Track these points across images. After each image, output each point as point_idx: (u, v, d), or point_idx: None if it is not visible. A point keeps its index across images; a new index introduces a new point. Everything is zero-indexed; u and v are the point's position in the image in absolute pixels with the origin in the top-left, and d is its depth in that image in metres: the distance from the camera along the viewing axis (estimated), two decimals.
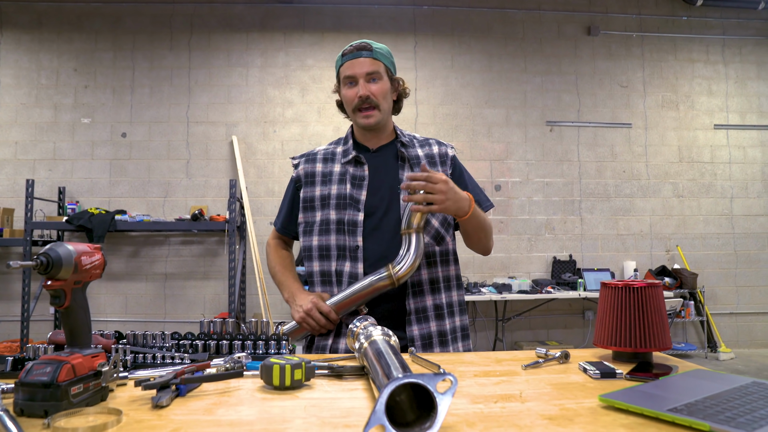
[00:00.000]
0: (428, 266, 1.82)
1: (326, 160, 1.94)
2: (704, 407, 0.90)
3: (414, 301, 1.79)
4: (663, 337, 1.35)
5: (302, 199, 1.92)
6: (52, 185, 6.29)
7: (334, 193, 1.86)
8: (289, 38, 6.67)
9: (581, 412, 0.97)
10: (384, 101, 1.85)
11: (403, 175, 1.86)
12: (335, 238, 1.83)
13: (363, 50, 1.82)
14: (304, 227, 1.90)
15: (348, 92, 1.84)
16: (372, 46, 1.84)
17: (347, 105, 1.87)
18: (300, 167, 1.96)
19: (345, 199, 1.84)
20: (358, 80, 1.81)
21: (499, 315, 6.49)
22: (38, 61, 6.46)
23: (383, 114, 1.86)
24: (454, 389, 0.83)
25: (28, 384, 0.92)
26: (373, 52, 1.83)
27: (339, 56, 1.88)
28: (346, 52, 1.85)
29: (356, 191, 1.84)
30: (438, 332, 1.81)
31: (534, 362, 1.35)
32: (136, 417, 0.93)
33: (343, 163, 1.89)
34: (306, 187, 1.92)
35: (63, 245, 0.99)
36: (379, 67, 1.83)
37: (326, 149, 1.99)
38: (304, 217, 1.90)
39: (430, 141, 1.99)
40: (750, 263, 6.98)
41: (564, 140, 6.89)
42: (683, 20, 7.13)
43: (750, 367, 6.06)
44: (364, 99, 1.80)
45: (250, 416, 0.95)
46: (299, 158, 2.00)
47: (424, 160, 1.90)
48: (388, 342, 1.20)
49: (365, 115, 1.83)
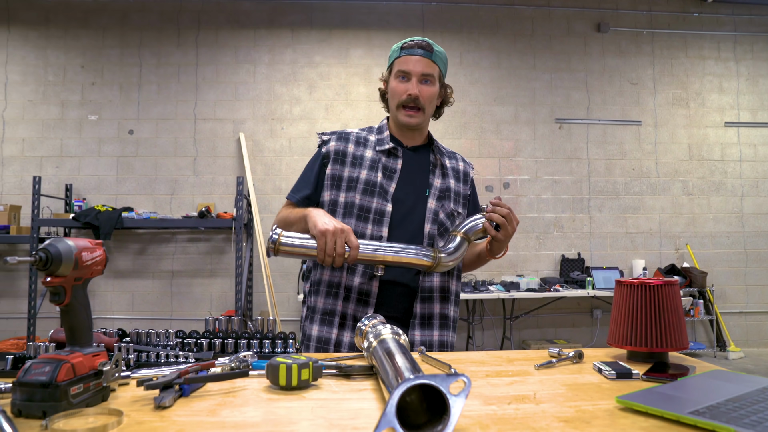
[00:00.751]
0: (441, 275, 1.81)
1: (359, 143, 1.88)
2: (727, 410, 0.87)
3: (422, 306, 1.77)
4: (680, 336, 1.32)
5: (329, 176, 1.83)
6: (59, 182, 6.29)
7: (363, 177, 1.80)
8: (297, 35, 6.64)
9: (598, 414, 0.93)
10: (430, 106, 1.84)
11: (433, 180, 1.86)
12: (356, 223, 1.76)
13: (424, 49, 1.79)
14: (328, 206, 1.81)
15: (398, 86, 1.81)
16: (433, 47, 1.81)
17: (393, 98, 1.84)
18: (331, 143, 1.88)
19: (374, 187, 1.79)
20: (412, 78, 1.78)
21: (507, 313, 6.44)
22: (45, 58, 6.45)
23: (426, 117, 1.85)
24: (467, 391, 0.79)
25: (26, 384, 0.89)
26: (433, 54, 1.80)
27: (397, 47, 1.85)
28: (406, 46, 1.81)
29: (386, 182, 1.81)
30: (439, 342, 1.79)
31: (547, 362, 1.32)
32: (138, 418, 0.91)
33: (378, 150, 1.85)
34: (334, 165, 1.84)
35: (63, 240, 0.96)
36: (435, 71, 1.81)
37: (359, 133, 1.92)
38: (330, 195, 1.82)
39: (456, 156, 2.01)
40: (760, 262, 6.91)
41: (573, 138, 6.83)
42: (694, 17, 7.06)
43: (760, 366, 6.00)
44: (413, 98, 1.78)
45: (255, 418, 0.92)
46: (329, 135, 1.91)
47: (451, 173, 1.92)
48: (398, 341, 1.16)
49: (409, 114, 1.81)
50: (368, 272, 1.74)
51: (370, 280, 1.73)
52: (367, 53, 6.65)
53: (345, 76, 6.64)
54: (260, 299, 6.31)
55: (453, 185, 1.90)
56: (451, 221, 1.85)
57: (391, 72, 1.86)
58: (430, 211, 1.81)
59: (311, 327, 1.79)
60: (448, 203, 1.86)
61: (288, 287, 6.33)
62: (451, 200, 1.87)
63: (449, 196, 1.87)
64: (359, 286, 1.74)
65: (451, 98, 1.95)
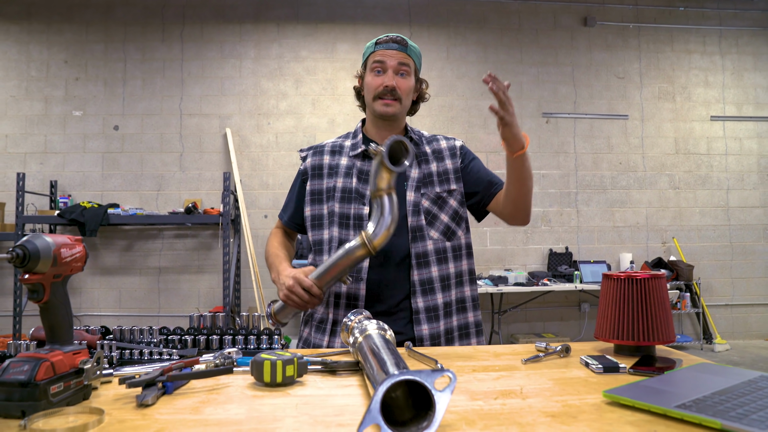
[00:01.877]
0: (438, 263, 1.78)
1: (334, 152, 1.91)
2: (713, 403, 0.86)
3: (423, 300, 1.74)
4: (667, 330, 1.32)
5: (309, 191, 1.89)
6: (44, 179, 6.22)
7: (339, 186, 1.83)
8: (283, 29, 6.60)
9: (585, 408, 0.93)
10: (406, 98, 1.84)
11: (409, 172, 1.84)
12: (339, 231, 1.78)
13: (398, 43, 1.82)
14: (311, 221, 1.87)
15: (374, 79, 1.81)
16: (407, 41, 1.84)
17: (369, 91, 1.84)
18: (307, 160, 1.93)
19: (351, 193, 1.81)
20: (387, 70, 1.80)
21: (495, 308, 6.46)
22: (28, 53, 6.37)
23: (403, 108, 1.85)
24: (452, 386, 0.79)
25: (5, 383, 0.88)
26: (408, 48, 1.83)
27: (371, 43, 1.86)
28: (381, 41, 1.83)
29: (362, 185, 1.81)
30: (445, 330, 1.75)
31: (534, 356, 1.32)
32: (119, 416, 0.89)
33: (351, 156, 1.87)
34: (313, 180, 1.89)
35: (41, 236, 0.94)
36: (410, 63, 1.83)
37: (334, 142, 1.96)
38: (311, 210, 1.87)
39: (437, 137, 1.98)
40: (746, 255, 6.97)
41: (560, 132, 6.85)
42: (680, 11, 7.09)
43: (745, 358, 6.06)
44: (390, 89, 1.79)
45: (239, 415, 0.91)
46: (307, 151, 1.97)
47: (432, 157, 1.88)
48: (384, 336, 1.16)
49: (385, 103, 1.80)
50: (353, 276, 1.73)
51: (356, 282, 1.73)
52: (354, 48, 6.62)
53: (331, 70, 6.61)
54: (248, 295, 6.28)
55: (435, 168, 1.87)
56: (440, 204, 1.82)
57: (366, 67, 1.87)
58: (410, 204, 1.79)
59: (307, 331, 1.83)
60: (432, 188, 1.83)
61: None
62: (435, 184, 1.84)
63: (432, 181, 1.85)
64: (347, 290, 1.74)
65: (427, 93, 1.96)
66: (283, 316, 1.70)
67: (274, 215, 6.34)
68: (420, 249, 1.76)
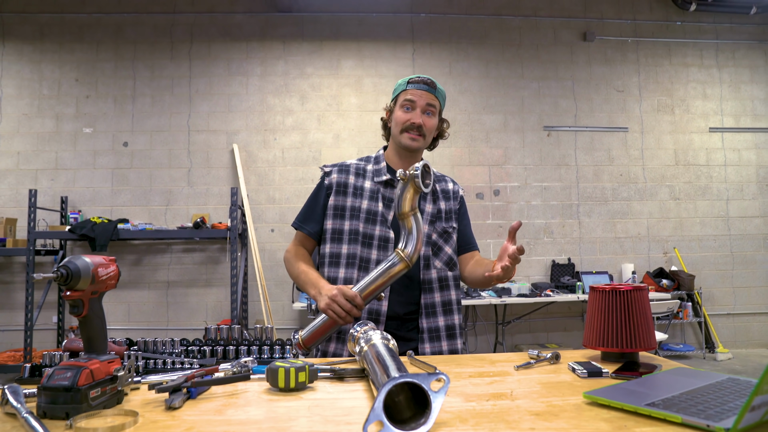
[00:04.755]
0: (441, 290, 1.97)
1: (358, 174, 2.05)
2: (679, 401, 0.97)
3: (428, 321, 1.92)
4: (648, 337, 1.42)
5: (332, 206, 2.01)
6: (55, 195, 6.36)
7: (365, 207, 1.97)
8: (289, 47, 6.75)
9: (566, 408, 1.03)
10: (430, 135, 2.01)
11: (424, 205, 2.01)
12: (361, 249, 1.93)
13: (428, 85, 1.97)
14: (332, 234, 1.99)
15: (403, 115, 1.97)
16: (436, 84, 2.00)
17: (396, 124, 1.99)
18: (333, 175, 2.05)
19: (376, 216, 1.96)
20: (416, 108, 1.96)
21: (499, 318, 6.54)
22: (40, 72, 6.54)
23: (425, 144, 2.02)
24: (446, 387, 0.90)
25: (51, 388, 0.99)
26: (437, 91, 2.00)
27: (403, 81, 2.02)
28: (413, 81, 1.99)
29: (386, 210, 1.98)
30: (449, 351, 1.94)
31: (526, 363, 1.42)
32: (151, 418, 1.00)
33: (376, 181, 2.01)
34: (337, 196, 2.02)
35: (81, 258, 1.06)
36: (436, 104, 2.00)
37: (357, 164, 2.09)
38: (333, 224, 2.00)
39: (446, 178, 2.17)
40: (746, 264, 7.05)
41: (561, 145, 6.96)
42: (677, 25, 7.21)
43: (747, 366, 6.12)
44: (417, 126, 1.95)
45: (258, 416, 1.01)
46: (331, 167, 2.09)
47: (441, 195, 2.08)
48: (387, 345, 1.26)
49: (412, 137, 1.96)
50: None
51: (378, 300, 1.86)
52: (358, 64, 6.76)
53: (336, 86, 6.75)
54: (255, 308, 6.38)
55: (443, 206, 2.06)
56: (444, 238, 2.02)
57: (397, 102, 2.03)
58: (424, 235, 1.94)
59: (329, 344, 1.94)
60: (440, 223, 2.03)
61: (282, 296, 6.41)
62: (443, 220, 2.04)
63: (441, 216, 2.04)
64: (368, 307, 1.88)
65: (447, 132, 2.13)
66: (310, 340, 1.74)
67: (280, 229, 6.45)
68: (426, 276, 1.94)
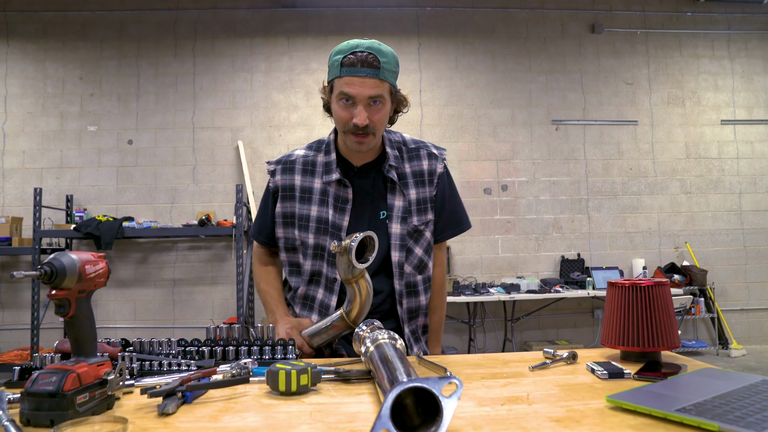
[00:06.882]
0: (408, 296, 1.75)
1: (305, 171, 1.77)
2: (713, 407, 0.89)
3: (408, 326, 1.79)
4: (671, 336, 1.34)
5: (279, 213, 1.78)
6: (60, 193, 6.32)
7: (314, 215, 1.72)
8: (293, 42, 6.68)
9: (588, 413, 0.96)
10: (381, 127, 1.66)
11: (393, 200, 1.73)
12: (311, 263, 1.74)
13: (369, 65, 1.54)
14: (285, 243, 1.79)
15: (343, 112, 1.60)
16: (379, 60, 1.56)
17: (338, 122, 1.65)
18: (277, 177, 1.79)
19: (326, 225, 1.71)
20: (357, 104, 1.58)
21: (508, 315, 6.46)
22: (44, 70, 6.50)
23: (377, 138, 1.68)
24: (459, 393, 0.82)
25: (34, 394, 0.92)
26: (381, 71, 1.56)
27: (338, 61, 1.58)
28: (347, 62, 1.56)
29: (338, 216, 1.71)
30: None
31: (541, 363, 1.35)
32: (142, 425, 0.93)
33: (325, 181, 1.73)
34: (284, 202, 1.77)
35: (66, 254, 0.99)
36: (384, 90, 1.59)
37: (305, 156, 1.80)
38: (284, 233, 1.78)
39: (420, 152, 1.80)
40: (760, 259, 6.93)
41: (570, 139, 6.87)
42: (687, 16, 7.10)
43: (762, 363, 6.02)
44: (361, 127, 1.59)
45: (255, 422, 0.95)
46: (275, 165, 1.82)
47: (412, 182, 1.76)
48: (394, 346, 1.19)
49: (358, 141, 1.63)
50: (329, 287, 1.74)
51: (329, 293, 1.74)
52: None
53: None
54: (261, 306, 6.32)
55: (414, 195, 1.76)
56: (415, 238, 1.76)
57: (333, 89, 1.63)
58: (396, 237, 1.72)
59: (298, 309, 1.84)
60: (411, 218, 1.74)
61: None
62: (413, 214, 1.75)
63: (410, 210, 1.74)
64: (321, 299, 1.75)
65: (406, 104, 1.73)
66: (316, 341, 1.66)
67: None
68: (398, 287, 1.74)
